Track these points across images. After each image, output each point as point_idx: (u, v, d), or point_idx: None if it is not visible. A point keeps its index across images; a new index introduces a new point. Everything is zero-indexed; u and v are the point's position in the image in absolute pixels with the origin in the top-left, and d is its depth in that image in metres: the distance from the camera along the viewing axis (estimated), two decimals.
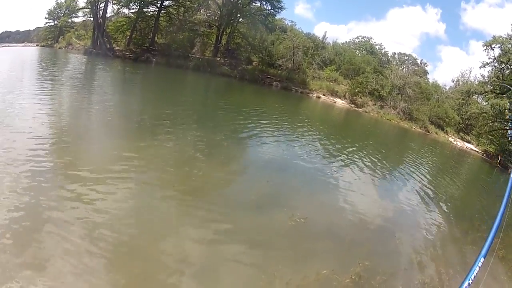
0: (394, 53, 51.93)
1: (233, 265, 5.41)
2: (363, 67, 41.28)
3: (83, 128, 10.10)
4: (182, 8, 40.19)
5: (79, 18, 56.89)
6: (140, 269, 4.80)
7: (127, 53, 38.80)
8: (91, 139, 9.29)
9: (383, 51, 50.27)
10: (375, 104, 37.78)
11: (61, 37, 55.96)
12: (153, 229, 5.76)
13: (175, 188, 7.29)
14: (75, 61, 31.11)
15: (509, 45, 29.51)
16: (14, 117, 9.64)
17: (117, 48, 40.70)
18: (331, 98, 37.68)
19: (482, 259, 2.84)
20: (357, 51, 48.29)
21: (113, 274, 4.57)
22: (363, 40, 50.06)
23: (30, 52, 40.89)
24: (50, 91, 14.25)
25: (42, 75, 19.52)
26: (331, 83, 39.77)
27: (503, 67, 31.49)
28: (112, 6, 42.56)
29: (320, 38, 47.15)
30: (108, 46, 40.38)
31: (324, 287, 5.50)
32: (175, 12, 40.30)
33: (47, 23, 62.63)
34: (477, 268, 2.76)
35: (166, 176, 7.87)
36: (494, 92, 32.05)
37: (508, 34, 29.83)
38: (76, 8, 57.80)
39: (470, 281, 2.67)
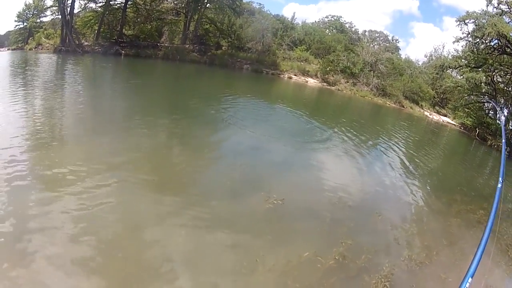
0: (365, 31, 52.63)
1: (215, 253, 5.52)
2: (333, 46, 41.95)
3: (57, 129, 10.21)
4: None
5: (47, 17, 56.83)
6: (125, 261, 4.97)
7: (96, 47, 38.90)
8: (66, 139, 9.41)
9: (353, 29, 50.97)
10: (348, 82, 38.48)
11: (30, 38, 55.94)
12: (134, 222, 5.90)
13: (153, 180, 7.50)
14: (45, 61, 31.19)
15: (484, 20, 29.91)
16: None
17: (86, 43, 40.76)
18: (303, 77, 38.35)
19: (470, 279, 2.42)
20: (327, 30, 48.80)
21: (99, 269, 4.70)
22: (332, 19, 50.59)
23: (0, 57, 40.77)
24: (23, 94, 14.21)
25: (14, 80, 19.20)
26: (302, 63, 40.36)
27: (477, 42, 31.93)
28: (79, 2, 42.60)
29: (289, 19, 47.61)
30: (77, 42, 40.46)
31: (308, 271, 5.52)
32: (142, 2, 40.47)
33: (16, 25, 62.62)
34: None
35: (142, 168, 8.06)
36: (469, 66, 32.63)
37: (483, 10, 30.37)
38: (44, 7, 57.57)
39: None
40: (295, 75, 38.47)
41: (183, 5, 40.52)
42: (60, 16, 44.21)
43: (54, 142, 8.78)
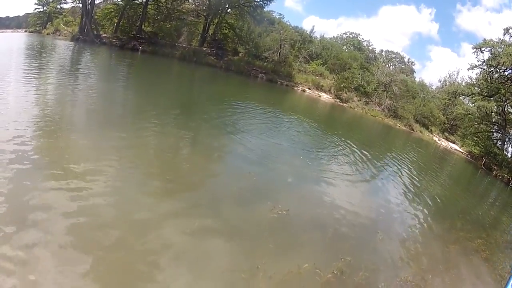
0: (382, 50, 53.15)
1: (216, 257, 5.56)
2: (349, 63, 42.27)
3: (67, 118, 10.16)
4: None
5: (67, 4, 57.31)
6: (123, 260, 4.95)
7: (114, 40, 39.34)
8: (76, 129, 9.30)
9: (370, 48, 51.37)
10: (360, 100, 38.77)
11: (49, 23, 56.43)
12: (137, 220, 5.87)
13: (162, 179, 7.49)
14: (63, 48, 31.32)
15: (499, 49, 30.15)
16: None
17: (104, 35, 41.28)
18: (316, 92, 38.55)
19: None
20: (344, 47, 49.17)
21: (97, 265, 4.68)
22: (351, 36, 50.97)
23: (18, 38, 40.95)
24: (36, 79, 14.20)
25: (30, 63, 19.55)
26: (317, 77, 40.59)
27: (491, 71, 32.32)
28: None
29: (307, 32, 48.02)
30: (95, 33, 40.96)
31: (307, 282, 5.58)
32: (163, 1, 41.00)
33: (36, 8, 63.27)
34: None
35: (149, 167, 8.02)
36: (481, 95, 32.94)
37: (499, 38, 30.72)
38: None
39: None
40: (309, 88, 38.65)
41: (204, 8, 41.03)
42: (81, 5, 44.80)
43: (62, 132, 8.74)
